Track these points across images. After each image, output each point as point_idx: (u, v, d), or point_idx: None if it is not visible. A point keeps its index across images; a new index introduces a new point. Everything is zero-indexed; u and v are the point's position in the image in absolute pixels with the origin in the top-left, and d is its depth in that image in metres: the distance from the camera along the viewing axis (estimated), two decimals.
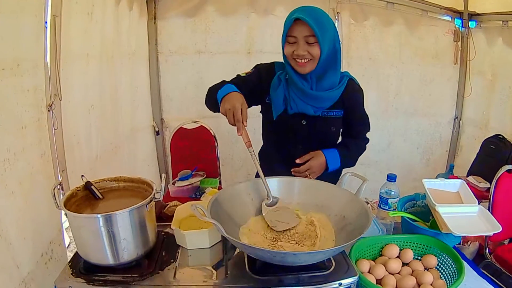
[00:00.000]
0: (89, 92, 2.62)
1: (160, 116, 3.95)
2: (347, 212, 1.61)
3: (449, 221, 1.67)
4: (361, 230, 1.40)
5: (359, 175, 1.72)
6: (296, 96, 1.99)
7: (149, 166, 3.95)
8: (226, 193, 1.65)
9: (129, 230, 1.44)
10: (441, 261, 1.66)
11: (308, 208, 1.72)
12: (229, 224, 1.53)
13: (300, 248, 1.51)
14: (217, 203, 1.53)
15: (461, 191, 1.97)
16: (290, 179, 1.80)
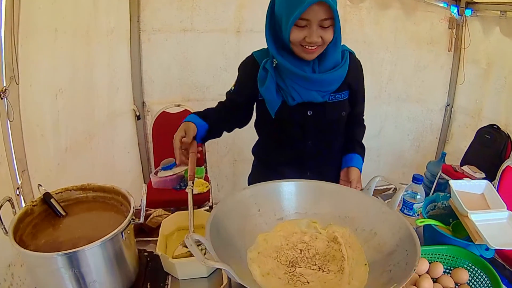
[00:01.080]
0: (57, 74, 2.19)
1: (142, 100, 3.60)
2: (379, 227, 1.25)
3: (483, 231, 1.39)
4: (408, 258, 1.07)
5: (393, 181, 1.36)
6: (295, 84, 1.62)
7: (129, 153, 3.60)
8: (227, 206, 1.24)
9: (101, 269, 1.09)
10: (473, 275, 1.39)
11: (328, 220, 1.35)
12: (233, 248, 1.17)
13: (325, 276, 1.14)
14: (217, 221, 1.14)
15: (486, 193, 1.68)
16: (306, 183, 1.40)
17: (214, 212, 1.15)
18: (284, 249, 1.24)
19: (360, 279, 1.12)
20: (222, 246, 1.07)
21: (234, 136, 3.79)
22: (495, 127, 3.54)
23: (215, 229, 1.09)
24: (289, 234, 1.29)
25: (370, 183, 1.36)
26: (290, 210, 1.36)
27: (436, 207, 1.76)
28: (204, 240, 0.98)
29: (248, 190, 1.31)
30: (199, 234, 0.97)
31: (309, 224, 1.34)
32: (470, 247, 1.44)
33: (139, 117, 3.58)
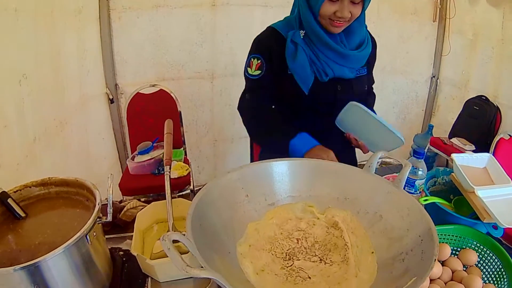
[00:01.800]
0: (19, 58, 2.01)
1: (114, 82, 3.38)
2: (385, 209, 1.10)
3: (491, 208, 1.26)
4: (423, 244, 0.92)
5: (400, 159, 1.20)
6: (329, 59, 1.60)
7: (104, 139, 3.40)
8: (210, 193, 1.05)
9: (67, 280, 0.93)
10: (482, 256, 1.26)
11: (325, 203, 1.18)
12: (220, 243, 0.99)
13: (328, 269, 0.98)
14: (199, 213, 0.96)
15: (489, 167, 1.56)
16: (299, 162, 1.23)
17: (195, 202, 0.97)
18: (278, 240, 1.07)
19: (368, 270, 0.97)
20: (207, 243, 0.91)
21: (213, 115, 3.66)
22: (484, 98, 3.46)
23: (197, 224, 0.92)
24: (282, 221, 1.13)
25: (372, 160, 1.19)
26: (283, 193, 1.19)
27: (436, 183, 1.65)
28: (185, 239, 0.80)
29: (234, 174, 1.13)
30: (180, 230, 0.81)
31: (305, 208, 1.18)
32: (477, 225, 1.32)
33: (112, 100, 3.37)
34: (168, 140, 1.52)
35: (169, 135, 1.55)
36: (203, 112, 3.67)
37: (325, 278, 0.96)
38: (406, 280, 0.84)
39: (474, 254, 1.24)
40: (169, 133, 1.57)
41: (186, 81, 3.48)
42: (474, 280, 1.13)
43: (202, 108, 3.63)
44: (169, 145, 1.50)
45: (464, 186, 1.44)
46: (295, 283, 0.94)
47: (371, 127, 1.63)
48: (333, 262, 1.01)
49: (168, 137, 1.53)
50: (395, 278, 0.90)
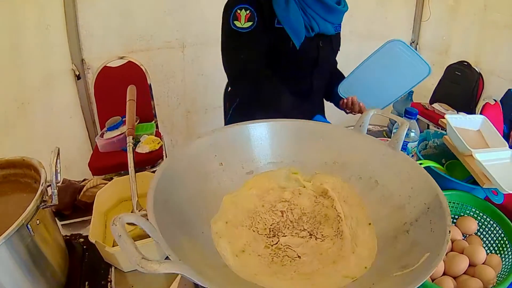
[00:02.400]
0: None
1: (80, 57, 3.13)
2: (381, 173, 0.95)
3: (492, 172, 1.12)
4: (430, 213, 0.77)
5: (394, 116, 1.03)
6: (315, 12, 1.52)
7: (72, 118, 3.17)
8: (176, 163, 0.86)
9: (13, 275, 0.77)
10: (481, 223, 1.13)
11: (312, 168, 1.02)
12: (190, 222, 0.82)
13: (320, 245, 0.83)
14: (163, 187, 0.77)
15: (483, 130, 1.45)
16: (279, 123, 1.04)
17: (159, 174, 0.78)
18: (260, 213, 0.91)
19: (367, 245, 0.81)
20: (174, 224, 0.74)
21: (184, 86, 3.48)
22: (466, 64, 3.36)
23: (161, 200, 0.74)
24: (263, 191, 0.96)
25: (363, 118, 1.02)
26: (262, 160, 1.02)
27: (427, 146, 1.52)
28: (143, 222, 0.63)
29: (204, 139, 0.95)
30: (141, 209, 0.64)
31: (289, 176, 1.01)
32: (475, 191, 1.19)
33: (79, 76, 3.14)
34: (131, 107, 1.35)
35: (132, 102, 1.38)
36: (174, 83, 3.48)
37: (318, 256, 0.80)
38: (416, 257, 0.70)
39: (473, 222, 1.11)
40: (132, 100, 1.39)
41: (155, 52, 3.27)
42: (477, 251, 1.00)
43: (173, 79, 3.44)
44: (132, 113, 1.33)
45: (460, 149, 1.31)
46: (283, 264, 0.79)
47: (402, 61, 1.60)
48: (325, 237, 0.85)
49: (130, 104, 1.36)
50: (402, 254, 0.75)
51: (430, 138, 1.52)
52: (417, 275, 0.63)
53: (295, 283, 0.73)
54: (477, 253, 0.99)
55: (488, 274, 0.94)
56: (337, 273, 0.75)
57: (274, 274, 0.75)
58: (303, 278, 0.74)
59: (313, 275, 0.75)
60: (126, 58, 3.04)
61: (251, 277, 0.73)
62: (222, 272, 0.72)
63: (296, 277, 0.74)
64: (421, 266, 0.66)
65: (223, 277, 0.70)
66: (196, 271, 0.57)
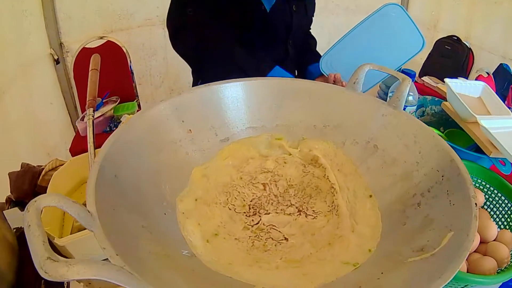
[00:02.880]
0: None
1: (59, 41, 2.95)
2: (380, 136, 0.78)
3: (502, 141, 1.00)
4: (446, 182, 0.61)
5: (394, 72, 0.84)
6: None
7: (52, 104, 2.98)
8: (134, 131, 0.68)
9: None
10: (488, 196, 1.00)
11: (299, 133, 0.85)
12: (150, 201, 0.64)
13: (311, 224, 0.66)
14: (115, 159, 0.60)
15: (484, 97, 1.32)
16: (259, 82, 0.85)
17: (108, 144, 0.61)
18: (237, 187, 0.74)
19: (369, 221, 0.65)
20: (125, 206, 0.56)
21: (167, 64, 3.33)
22: (455, 38, 3.24)
23: (109, 177, 0.57)
24: (242, 161, 0.79)
25: (358, 74, 0.85)
26: (240, 124, 0.83)
27: (424, 113, 1.40)
28: (70, 205, 0.45)
29: (169, 102, 0.77)
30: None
31: (271, 142, 0.83)
32: (480, 161, 1.06)
33: (58, 60, 2.96)
34: (93, 77, 1.18)
35: (95, 72, 1.21)
36: (156, 61, 3.35)
37: (309, 238, 0.64)
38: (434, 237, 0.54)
39: (481, 194, 0.96)
40: (94, 69, 1.22)
41: (136, 30, 3.14)
42: (488, 226, 0.85)
43: (155, 57, 3.30)
44: (93, 83, 1.16)
45: (462, 115, 1.17)
46: (266, 249, 0.62)
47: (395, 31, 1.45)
48: (317, 213, 0.69)
49: (93, 74, 1.19)
50: (414, 233, 0.59)
51: (428, 105, 1.40)
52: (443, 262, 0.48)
53: (282, 273, 0.56)
54: (488, 229, 0.85)
55: (502, 252, 0.79)
56: (334, 258, 0.59)
57: (255, 263, 0.58)
58: (292, 267, 0.57)
59: (304, 263, 0.58)
60: (106, 37, 2.88)
61: (225, 269, 0.56)
62: (186, 266, 0.55)
63: (283, 265, 0.57)
64: (446, 249, 0.51)
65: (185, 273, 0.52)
66: (136, 273, 0.40)
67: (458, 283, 0.72)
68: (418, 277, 0.48)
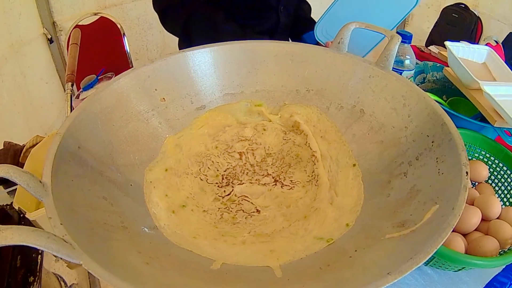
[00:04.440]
0: None
1: (51, 20, 2.89)
2: (367, 99, 0.71)
3: (507, 109, 0.91)
4: (437, 148, 0.56)
5: (382, 29, 0.77)
6: None
7: (48, 84, 2.93)
8: (103, 101, 0.63)
9: None
10: (493, 169, 0.92)
11: (279, 98, 0.78)
12: (115, 171, 0.59)
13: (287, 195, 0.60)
14: (80, 130, 0.56)
15: (489, 63, 1.24)
16: (234, 46, 0.78)
17: (74, 115, 0.56)
18: (211, 157, 0.68)
19: (350, 193, 0.59)
20: (87, 176, 0.52)
21: (163, 37, 3.28)
22: (463, 6, 3.12)
23: (71, 148, 0.53)
24: (218, 130, 0.73)
25: (342, 33, 0.77)
26: (216, 91, 0.77)
27: (425, 79, 1.30)
28: (20, 174, 0.42)
29: (141, 70, 0.71)
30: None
31: (250, 109, 0.77)
32: (484, 130, 0.98)
33: (52, 40, 2.91)
34: (73, 52, 1.15)
35: (75, 46, 1.19)
36: (152, 35, 3.31)
37: (283, 211, 0.58)
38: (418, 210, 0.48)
39: (484, 167, 0.89)
40: (74, 43, 1.20)
41: (130, 5, 3.06)
42: (490, 202, 0.78)
43: (151, 31, 3.25)
44: (73, 58, 1.14)
45: (465, 81, 1.09)
46: (235, 221, 0.56)
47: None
48: (294, 184, 0.63)
49: (72, 49, 1.16)
50: (397, 206, 0.53)
51: (429, 71, 1.30)
52: (420, 241, 0.42)
53: (247, 248, 0.50)
54: (491, 205, 0.77)
55: (505, 231, 0.72)
56: (307, 233, 0.53)
57: (221, 237, 0.52)
58: (260, 241, 0.51)
59: (274, 237, 0.53)
60: (99, 13, 2.79)
61: (187, 242, 0.50)
62: (143, 239, 0.50)
63: (250, 240, 0.52)
64: (427, 225, 0.44)
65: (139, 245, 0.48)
66: (76, 243, 0.36)
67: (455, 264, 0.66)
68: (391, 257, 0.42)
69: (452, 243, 0.69)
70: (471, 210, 0.76)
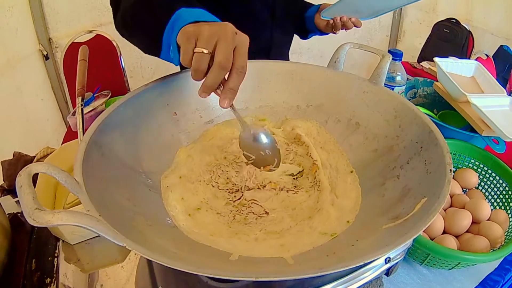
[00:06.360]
0: None
1: (47, 36, 2.95)
2: (362, 113, 0.80)
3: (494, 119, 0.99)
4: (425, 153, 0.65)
5: (374, 49, 0.88)
6: None
7: (43, 100, 2.98)
8: (121, 114, 0.70)
9: None
10: (482, 176, 1.01)
11: (282, 113, 0.87)
12: (135, 179, 0.67)
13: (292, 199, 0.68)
14: (102, 140, 0.63)
15: (477, 76, 1.32)
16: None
17: (95, 126, 0.63)
18: (221, 166, 0.76)
19: (349, 195, 0.68)
20: (111, 180, 0.59)
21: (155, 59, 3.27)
22: (454, 21, 3.19)
23: (96, 155, 0.60)
24: (226, 142, 0.81)
25: (338, 53, 0.86)
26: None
27: (416, 94, 1.39)
28: (58, 172, 0.48)
29: (153, 87, 0.79)
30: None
31: (255, 123, 0.86)
32: (474, 140, 1.06)
33: (47, 56, 2.96)
34: (82, 67, 1.21)
35: (83, 62, 1.23)
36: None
37: (290, 212, 0.66)
38: (410, 205, 0.56)
39: (474, 175, 0.98)
40: (83, 60, 1.25)
41: None
42: (480, 206, 0.86)
43: None
44: (82, 73, 1.19)
45: (454, 94, 1.18)
46: (246, 222, 0.64)
47: None
48: (298, 189, 0.71)
49: (81, 65, 1.22)
50: (392, 204, 0.61)
51: (419, 86, 1.39)
52: (412, 224, 0.50)
53: (260, 244, 0.58)
54: (481, 208, 0.86)
55: (495, 231, 0.80)
56: (313, 230, 0.61)
57: (235, 235, 0.60)
58: (271, 238, 0.59)
59: (283, 234, 0.60)
60: (95, 31, 2.84)
61: (205, 239, 0.58)
62: (167, 235, 0.58)
63: (262, 237, 0.59)
64: (418, 214, 0.53)
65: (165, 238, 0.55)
66: (114, 226, 0.44)
67: (449, 261, 0.74)
68: (386, 239, 0.50)
69: (444, 243, 0.77)
70: (462, 213, 0.84)
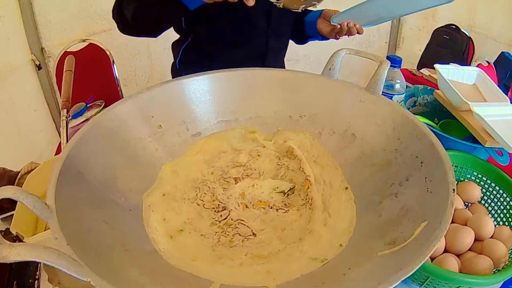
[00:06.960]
0: None
1: (40, 46, 2.90)
2: (358, 124, 0.76)
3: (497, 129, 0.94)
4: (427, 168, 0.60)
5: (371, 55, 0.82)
6: None
7: (36, 111, 2.93)
8: (102, 128, 0.67)
9: None
10: (485, 190, 0.94)
11: (273, 124, 0.83)
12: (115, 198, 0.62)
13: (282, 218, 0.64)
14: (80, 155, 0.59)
15: (479, 83, 1.27)
16: (228, 74, 0.82)
17: (74, 141, 0.60)
18: (207, 182, 0.72)
19: (343, 214, 0.63)
20: (88, 201, 0.56)
21: (151, 63, 3.31)
22: (454, 27, 3.15)
23: (72, 172, 0.56)
24: (213, 156, 0.77)
25: (333, 60, 0.82)
26: (212, 118, 0.81)
27: (416, 103, 1.33)
28: (26, 196, 0.46)
29: (138, 98, 0.75)
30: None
31: (245, 135, 0.81)
32: (476, 151, 1.00)
33: (40, 66, 2.91)
34: (67, 78, 1.18)
35: (69, 73, 1.21)
36: (140, 61, 3.31)
37: (279, 234, 0.62)
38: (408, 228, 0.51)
39: (476, 188, 0.92)
40: (69, 70, 1.22)
41: (118, 31, 3.06)
42: (483, 222, 0.80)
43: (139, 57, 3.27)
44: (67, 84, 1.17)
45: (455, 103, 1.13)
46: (232, 245, 0.60)
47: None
48: (288, 207, 0.66)
49: (67, 75, 1.19)
50: (389, 225, 0.56)
51: (419, 95, 1.33)
52: (410, 254, 0.45)
53: (245, 270, 0.53)
54: (484, 225, 0.80)
55: (499, 250, 0.75)
56: (302, 254, 0.56)
57: (219, 259, 0.55)
58: (257, 263, 0.55)
59: (270, 259, 0.56)
60: (88, 40, 2.81)
61: (186, 265, 0.54)
62: (144, 261, 0.53)
63: (247, 262, 0.55)
64: (417, 240, 0.48)
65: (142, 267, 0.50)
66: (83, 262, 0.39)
67: (449, 284, 0.69)
68: (382, 271, 0.46)
69: (445, 263, 0.72)
70: (464, 230, 0.78)
